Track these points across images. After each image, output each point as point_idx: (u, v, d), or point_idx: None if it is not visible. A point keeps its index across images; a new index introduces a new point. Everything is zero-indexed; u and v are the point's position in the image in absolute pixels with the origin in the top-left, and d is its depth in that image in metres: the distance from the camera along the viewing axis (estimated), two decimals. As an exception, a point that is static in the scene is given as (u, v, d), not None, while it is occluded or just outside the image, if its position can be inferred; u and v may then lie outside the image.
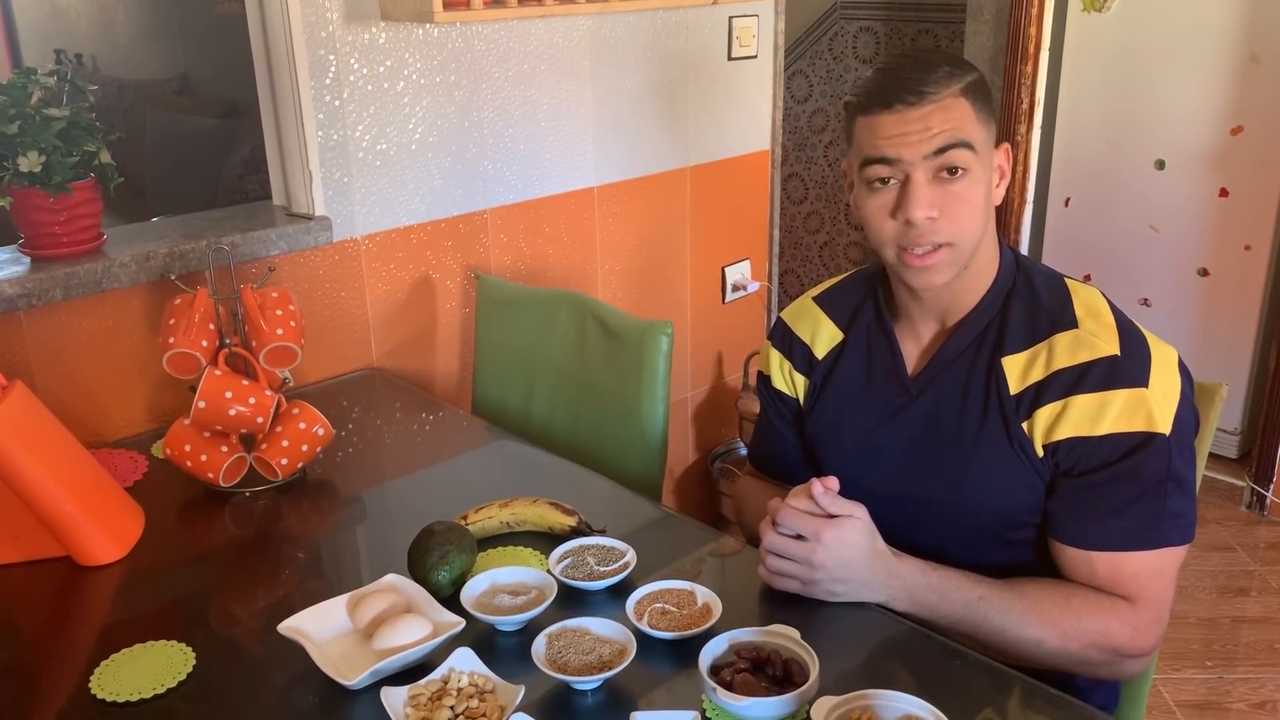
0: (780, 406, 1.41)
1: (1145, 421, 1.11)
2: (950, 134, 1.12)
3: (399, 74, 1.95)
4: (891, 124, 1.13)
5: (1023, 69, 3.25)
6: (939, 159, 1.12)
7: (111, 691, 1.07)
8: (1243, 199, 3.03)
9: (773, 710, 0.98)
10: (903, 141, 1.13)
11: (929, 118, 1.12)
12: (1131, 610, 1.12)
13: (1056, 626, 1.11)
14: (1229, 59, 2.96)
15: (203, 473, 1.47)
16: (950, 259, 1.16)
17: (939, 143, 1.12)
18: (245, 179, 3.60)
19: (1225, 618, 2.55)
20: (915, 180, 1.13)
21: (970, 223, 1.15)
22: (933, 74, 1.12)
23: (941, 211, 1.14)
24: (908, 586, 1.14)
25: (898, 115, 1.12)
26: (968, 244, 1.16)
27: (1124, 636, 1.12)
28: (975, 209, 1.15)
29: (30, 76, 1.61)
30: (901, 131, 1.12)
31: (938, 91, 1.12)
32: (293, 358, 1.51)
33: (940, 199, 1.13)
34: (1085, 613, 1.12)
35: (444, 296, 2.13)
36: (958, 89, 1.13)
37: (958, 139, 1.12)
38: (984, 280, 1.22)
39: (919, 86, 1.12)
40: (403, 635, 1.08)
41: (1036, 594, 1.14)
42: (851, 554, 1.13)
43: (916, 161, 1.13)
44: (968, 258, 1.17)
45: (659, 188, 2.50)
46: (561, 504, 1.35)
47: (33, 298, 1.58)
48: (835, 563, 1.12)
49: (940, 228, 1.14)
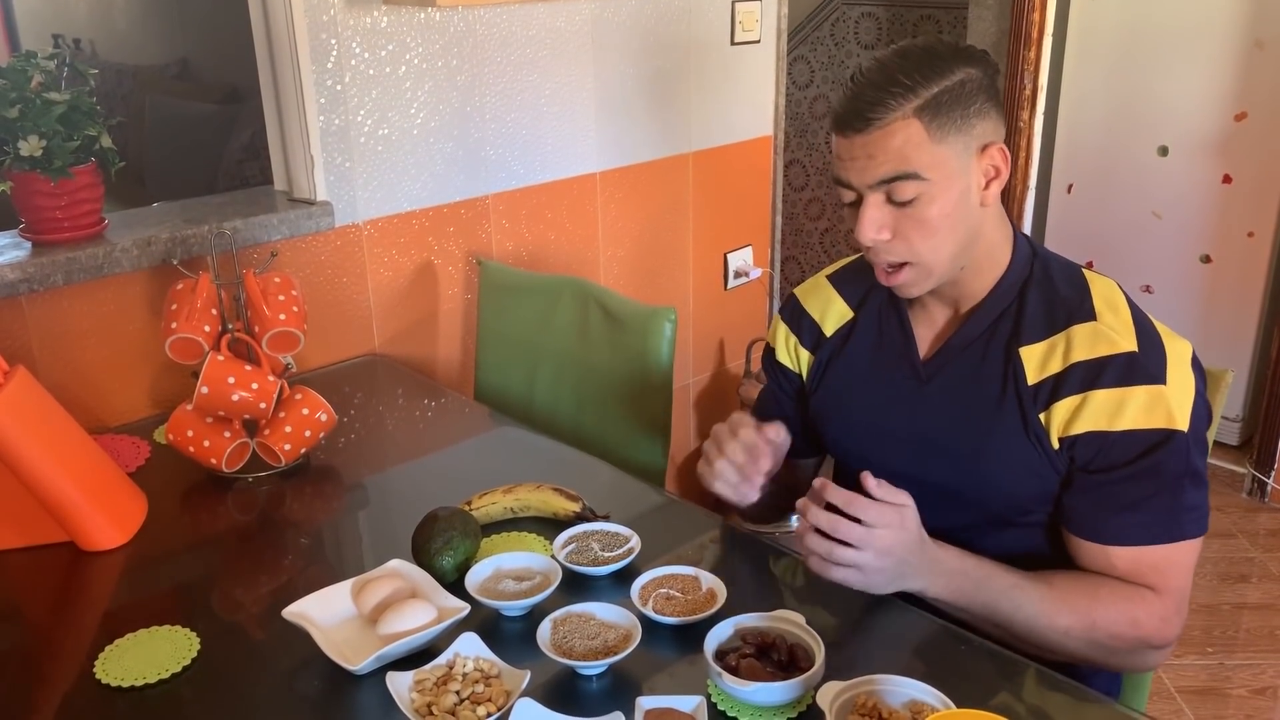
0: (783, 380, 1.41)
1: (1165, 419, 1.11)
2: (892, 166, 1.10)
3: (401, 58, 1.94)
4: (844, 147, 1.13)
5: (1026, 54, 3.23)
6: (885, 188, 1.11)
7: (116, 676, 1.07)
8: (1246, 185, 3.02)
9: (778, 695, 0.98)
10: (851, 167, 1.12)
11: (872, 145, 1.10)
12: (1158, 600, 1.12)
13: (1086, 616, 1.11)
14: (1233, 45, 2.95)
15: (205, 458, 1.46)
16: (915, 276, 1.16)
17: (881, 174, 1.10)
18: (245, 164, 3.59)
19: (1226, 604, 2.55)
20: (866, 203, 1.12)
21: (926, 242, 1.13)
22: (886, 93, 1.09)
23: (895, 233, 1.13)
24: (947, 572, 1.12)
25: (849, 140, 1.12)
26: (930, 260, 1.14)
27: (1151, 626, 1.12)
28: (933, 228, 1.12)
29: (30, 60, 1.60)
30: (851, 157, 1.12)
31: (884, 117, 1.09)
32: (295, 343, 1.51)
33: (893, 220, 1.12)
34: (1113, 603, 1.12)
35: (446, 282, 2.13)
36: (910, 109, 1.08)
37: (899, 171, 1.10)
38: (994, 269, 1.21)
39: (867, 112, 1.09)
40: (408, 620, 1.08)
41: (1065, 584, 1.13)
42: (911, 541, 1.09)
43: (864, 187, 1.12)
44: (941, 271, 1.16)
45: (661, 173, 2.49)
46: (565, 489, 1.34)
47: (34, 283, 1.57)
48: (901, 548, 1.08)
49: (894, 248, 1.14)
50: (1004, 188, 1.18)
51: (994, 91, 1.14)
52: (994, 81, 1.14)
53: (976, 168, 1.14)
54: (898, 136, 1.09)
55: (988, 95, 1.13)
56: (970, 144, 1.12)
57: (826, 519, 1.08)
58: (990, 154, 1.14)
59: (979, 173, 1.14)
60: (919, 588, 1.12)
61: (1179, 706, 2.21)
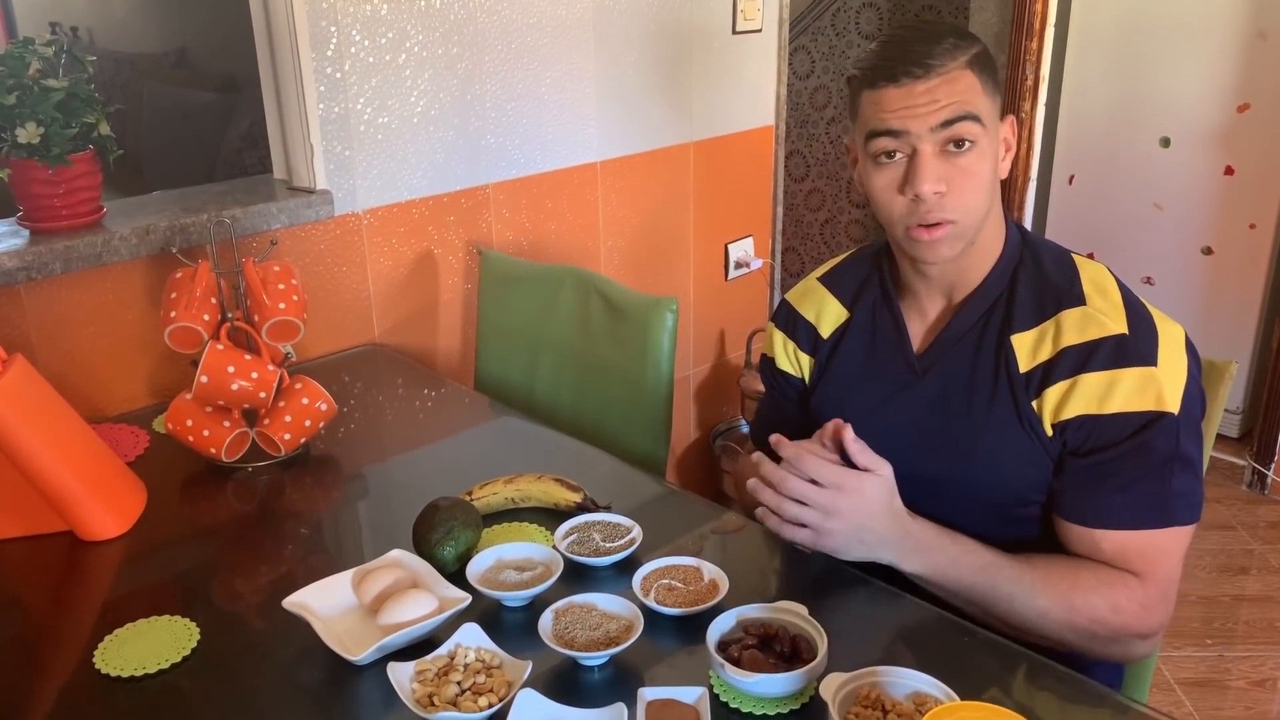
0: (785, 388, 1.40)
1: (1155, 401, 1.10)
2: (957, 106, 1.10)
3: (401, 46, 1.93)
4: (898, 97, 1.11)
5: (1028, 45, 3.23)
6: (946, 131, 1.11)
7: (115, 666, 1.07)
8: (1248, 177, 3.01)
9: (781, 687, 0.97)
10: (909, 114, 1.11)
11: (935, 90, 1.10)
12: (1140, 586, 1.12)
13: (1064, 599, 1.11)
14: (1236, 36, 2.94)
15: (205, 448, 1.46)
16: (956, 233, 1.15)
17: (946, 115, 1.10)
18: (244, 153, 3.58)
19: (1225, 596, 2.55)
20: (923, 153, 1.12)
21: (976, 197, 1.14)
22: (938, 46, 1.11)
23: (949, 185, 1.12)
24: (920, 547, 1.13)
25: (904, 89, 1.11)
26: (973, 219, 1.15)
27: (1131, 613, 1.11)
28: (982, 183, 1.14)
29: (28, 47, 1.59)
30: (908, 105, 1.11)
31: (944, 64, 1.10)
32: (295, 332, 1.50)
33: (947, 173, 1.12)
34: (1093, 587, 1.11)
35: (446, 272, 2.12)
36: (964, 61, 1.11)
37: (965, 111, 1.11)
38: (989, 256, 1.21)
39: (925, 59, 1.10)
40: (409, 611, 1.08)
41: (1046, 566, 1.13)
42: (871, 508, 1.12)
43: (924, 134, 1.11)
44: (973, 233, 1.16)
45: (662, 163, 2.48)
46: (566, 480, 1.34)
47: (32, 271, 1.57)
48: (853, 513, 1.11)
49: (947, 203, 1.13)
50: (1005, 180, 1.19)
51: None
52: None
53: (999, 136, 1.17)
54: (960, 82, 1.11)
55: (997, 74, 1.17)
56: (999, 109, 1.16)
57: (774, 473, 1.12)
58: (1009, 122, 1.18)
59: (1000, 140, 1.17)
60: (890, 559, 1.14)
61: (1178, 698, 2.22)
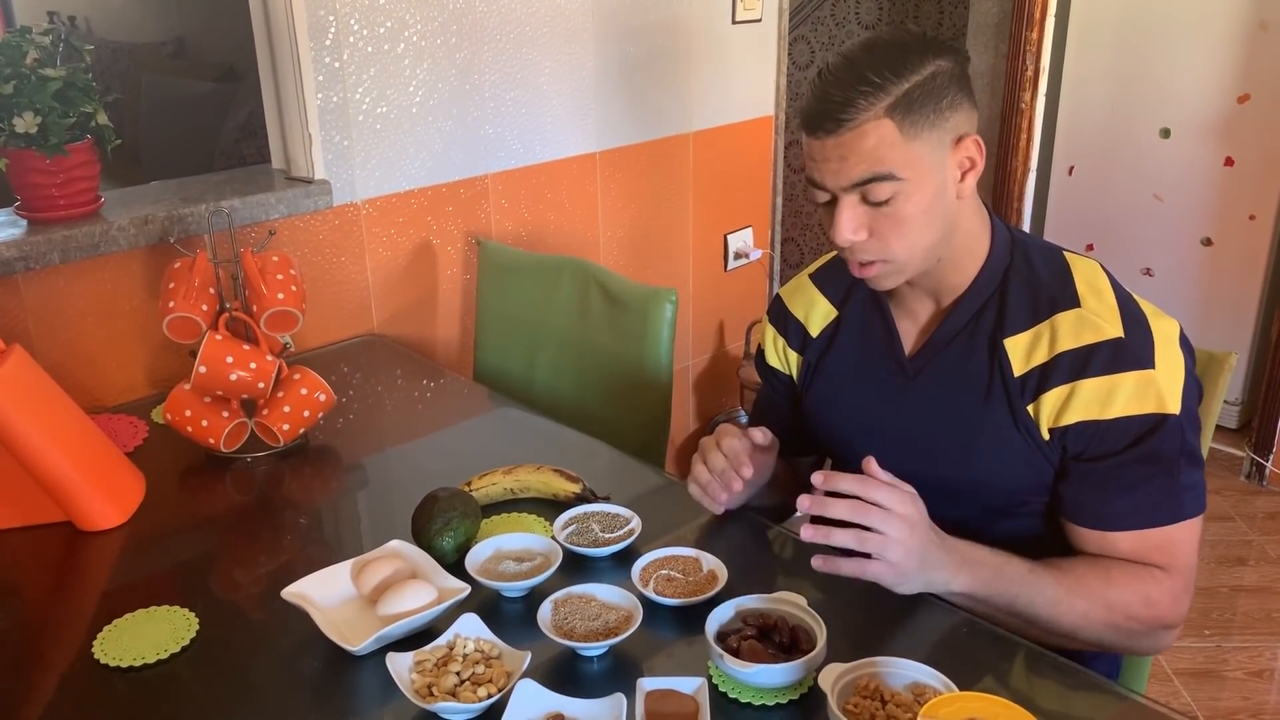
0: (775, 383, 1.40)
1: (1156, 403, 1.10)
2: (866, 167, 1.07)
3: (400, 35, 1.92)
4: (816, 149, 1.10)
5: (1028, 36, 3.22)
6: (859, 189, 1.09)
7: (115, 656, 1.07)
8: (1248, 168, 3.01)
9: (780, 677, 0.97)
10: (825, 169, 1.10)
11: (845, 147, 1.07)
12: (1168, 578, 1.12)
13: (1101, 598, 1.10)
14: (1237, 26, 2.93)
15: (204, 438, 1.46)
16: (890, 270, 1.14)
17: (855, 176, 1.08)
18: (242, 143, 3.57)
19: (1224, 587, 2.56)
20: (841, 204, 1.10)
21: (902, 240, 1.11)
22: (855, 93, 1.06)
23: (871, 232, 1.11)
24: (970, 562, 1.09)
25: (820, 142, 1.09)
26: (905, 257, 1.13)
27: (1164, 605, 1.11)
28: (909, 226, 1.11)
29: (25, 36, 1.58)
30: (823, 159, 1.10)
31: (855, 118, 1.06)
32: (294, 322, 1.50)
33: (870, 220, 1.11)
34: (1126, 583, 1.11)
35: (445, 262, 2.12)
36: (881, 109, 1.06)
37: (874, 173, 1.07)
38: (972, 260, 1.19)
39: (837, 113, 1.07)
40: (408, 601, 1.08)
41: (1077, 569, 1.12)
42: (924, 528, 1.07)
43: (838, 189, 1.10)
44: (916, 265, 1.15)
45: (662, 153, 2.47)
46: (565, 471, 1.34)
47: (30, 261, 1.56)
48: (919, 536, 1.06)
49: (870, 247, 1.12)
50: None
51: (965, 82, 1.12)
52: (964, 71, 1.12)
53: (952, 161, 1.11)
54: (870, 137, 1.06)
55: (959, 86, 1.10)
56: (944, 138, 1.10)
57: (847, 507, 1.03)
58: (965, 146, 1.11)
59: (954, 166, 1.12)
60: (944, 580, 1.08)
61: (1176, 689, 2.22)
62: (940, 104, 1.08)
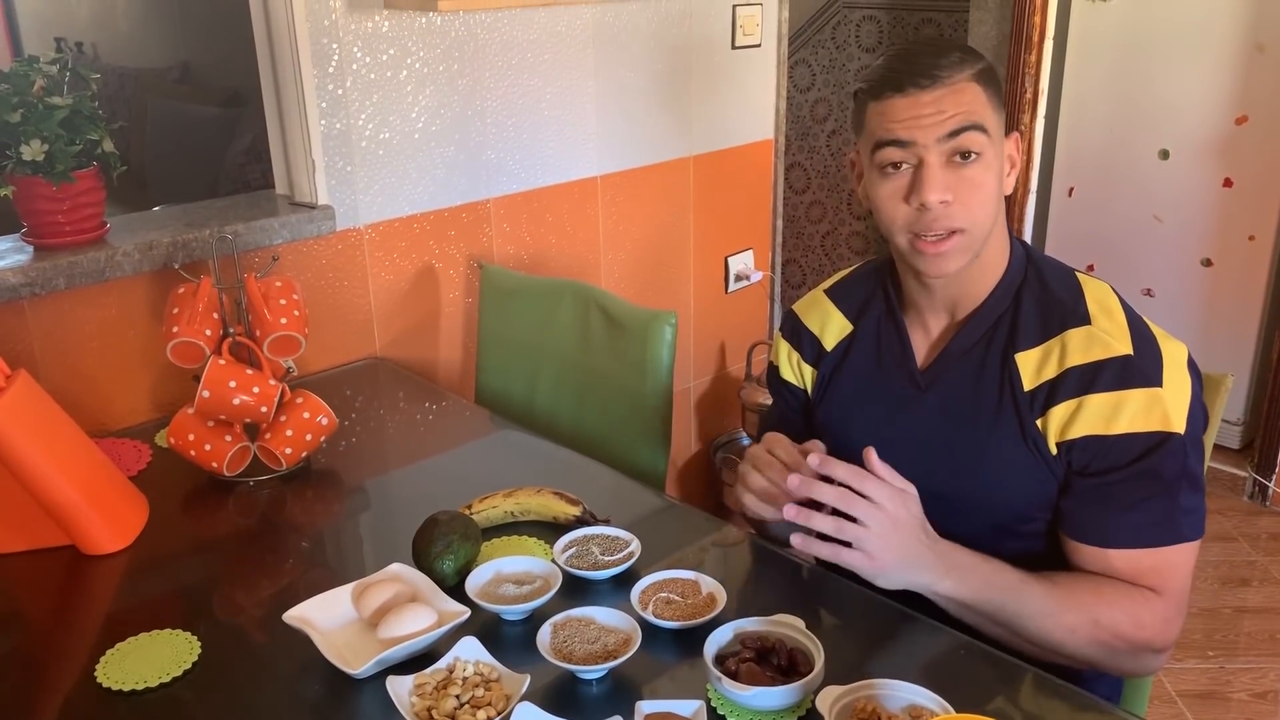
0: (789, 397, 1.41)
1: (1161, 421, 1.11)
2: (964, 116, 1.11)
3: (402, 62, 1.94)
4: (905, 107, 1.12)
5: (1027, 58, 3.24)
6: (953, 141, 1.12)
7: (117, 680, 1.07)
8: (1247, 189, 3.02)
9: (778, 700, 0.98)
10: (916, 124, 1.12)
11: (942, 100, 1.11)
12: (1160, 602, 1.12)
13: (1090, 614, 1.10)
14: (1234, 48, 2.95)
15: (207, 462, 1.47)
16: (962, 245, 1.15)
17: (953, 125, 1.11)
18: (246, 168, 3.59)
19: (1227, 608, 2.55)
20: (929, 163, 1.12)
21: (983, 208, 1.14)
22: (945, 58, 1.12)
23: (955, 196, 1.13)
24: (957, 566, 1.10)
25: (911, 99, 1.12)
26: (980, 231, 1.15)
27: (1153, 628, 1.12)
28: (988, 195, 1.14)
29: (33, 65, 1.60)
30: (915, 114, 1.12)
31: (951, 75, 1.12)
32: (296, 347, 1.51)
33: (954, 183, 1.13)
34: (1116, 601, 1.11)
35: (447, 286, 2.13)
36: (970, 74, 1.13)
37: (971, 121, 1.12)
38: (994, 272, 1.21)
39: (932, 70, 1.11)
40: (408, 624, 1.08)
41: (1069, 583, 1.13)
42: (914, 526, 1.08)
43: (930, 144, 1.12)
44: (979, 245, 1.17)
45: (662, 177, 2.49)
46: (566, 494, 1.35)
47: (36, 287, 1.58)
48: (906, 532, 1.07)
49: (954, 212, 1.13)
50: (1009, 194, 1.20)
51: None
52: None
53: (1005, 150, 1.18)
54: (966, 93, 1.12)
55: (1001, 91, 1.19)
56: (1003, 125, 1.17)
57: (835, 494, 1.06)
58: (1013, 140, 1.19)
59: (1005, 158, 1.18)
60: (928, 582, 1.10)
61: (1180, 710, 2.21)
62: (1001, 92, 1.17)
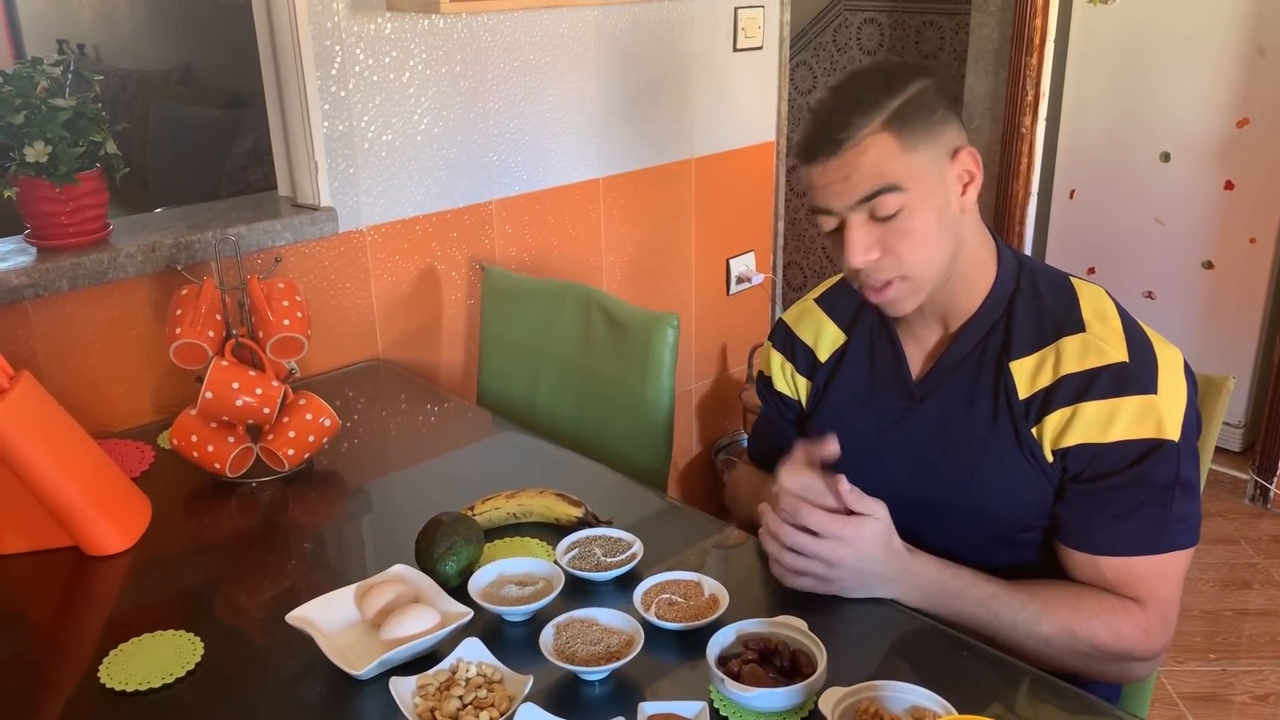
0: (782, 408, 1.40)
1: (1155, 428, 1.11)
2: (871, 182, 1.09)
3: (405, 65, 1.95)
4: (818, 175, 1.12)
5: (1028, 61, 3.24)
6: (867, 205, 1.11)
7: (120, 681, 1.07)
8: (1248, 192, 3.02)
9: (780, 701, 0.98)
10: (828, 192, 1.12)
11: (847, 166, 1.10)
12: (1141, 612, 1.12)
13: (1065, 626, 1.11)
14: (1236, 51, 2.95)
15: (209, 463, 1.47)
16: (907, 290, 1.15)
17: (861, 192, 1.10)
18: (249, 170, 3.60)
19: (1228, 610, 2.55)
20: (850, 225, 1.12)
21: (916, 254, 1.13)
22: (853, 114, 1.09)
23: (884, 249, 1.12)
24: (921, 584, 1.14)
25: (820, 167, 1.11)
26: (923, 271, 1.14)
27: (1134, 639, 1.12)
28: (920, 239, 1.12)
29: (36, 66, 1.60)
30: (825, 183, 1.12)
31: (854, 135, 1.09)
32: (299, 348, 1.51)
33: (880, 237, 1.12)
34: (1095, 614, 1.11)
35: (449, 288, 2.13)
36: (878, 123, 1.09)
37: (880, 185, 1.09)
38: (981, 283, 1.21)
39: (835, 134, 1.09)
40: (411, 625, 1.08)
41: (1048, 594, 1.13)
42: (871, 551, 1.13)
43: (845, 210, 1.12)
44: (930, 283, 1.16)
45: (664, 179, 2.49)
46: (568, 495, 1.35)
47: (39, 288, 1.58)
48: (855, 561, 1.12)
49: (885, 265, 1.13)
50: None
51: (951, 99, 1.16)
52: (948, 90, 1.16)
53: (951, 174, 1.14)
54: (870, 152, 1.09)
55: (946, 103, 1.14)
56: (940, 151, 1.13)
57: (775, 525, 1.15)
58: (961, 159, 1.14)
59: (954, 180, 1.14)
60: (895, 595, 1.15)
61: (1181, 713, 2.21)
62: (932, 117, 1.12)
